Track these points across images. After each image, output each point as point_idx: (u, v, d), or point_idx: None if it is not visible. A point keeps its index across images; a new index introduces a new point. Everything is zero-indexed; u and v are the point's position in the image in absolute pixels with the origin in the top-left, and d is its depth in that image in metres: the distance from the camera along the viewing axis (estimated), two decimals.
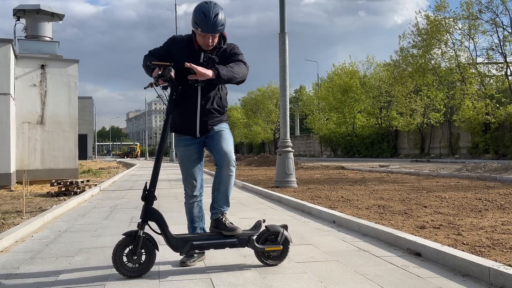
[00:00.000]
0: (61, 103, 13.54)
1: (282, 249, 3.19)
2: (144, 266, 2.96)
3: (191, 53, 3.17)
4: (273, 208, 6.44)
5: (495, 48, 23.81)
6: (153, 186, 3.03)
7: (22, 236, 4.48)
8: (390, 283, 2.78)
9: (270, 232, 3.20)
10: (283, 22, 9.41)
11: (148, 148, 70.78)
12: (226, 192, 3.26)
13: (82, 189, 9.79)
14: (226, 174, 3.21)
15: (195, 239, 3.07)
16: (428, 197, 6.64)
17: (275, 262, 3.19)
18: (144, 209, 3.01)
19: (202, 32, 3.04)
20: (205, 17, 2.99)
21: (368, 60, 35.85)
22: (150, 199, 3.01)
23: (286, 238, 3.19)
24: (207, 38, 3.07)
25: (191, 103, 3.21)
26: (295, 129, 54.63)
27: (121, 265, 2.92)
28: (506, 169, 11.06)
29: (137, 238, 2.94)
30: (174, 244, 3.01)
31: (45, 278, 3.03)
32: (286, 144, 9.11)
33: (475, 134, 23.81)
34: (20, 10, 16.02)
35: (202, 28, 3.02)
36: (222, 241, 3.11)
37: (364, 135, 34.40)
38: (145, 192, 3.01)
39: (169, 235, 3.00)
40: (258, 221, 3.24)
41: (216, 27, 3.03)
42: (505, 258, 3.04)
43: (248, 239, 3.12)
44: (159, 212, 3.03)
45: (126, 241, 2.95)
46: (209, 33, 3.05)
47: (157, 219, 3.00)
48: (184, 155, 3.32)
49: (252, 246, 3.13)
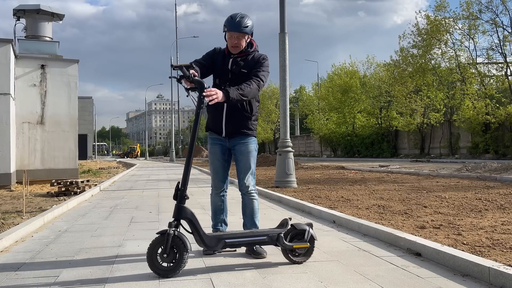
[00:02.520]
0: (61, 103, 13.54)
1: (309, 247, 3.26)
2: (176, 265, 2.95)
3: (223, 59, 3.51)
4: (273, 208, 6.44)
5: (495, 48, 23.82)
6: (184, 185, 3.05)
7: (22, 236, 4.48)
8: (390, 283, 2.78)
9: (297, 230, 3.28)
10: (283, 22, 9.41)
11: (148, 148, 70.78)
12: (252, 215, 3.61)
13: (82, 189, 9.79)
14: (248, 199, 3.60)
15: (227, 237, 3.13)
16: (428, 197, 6.64)
17: (300, 259, 3.26)
18: (177, 208, 3.03)
19: (228, 31, 3.38)
20: (232, 18, 3.38)
21: (368, 60, 35.86)
22: (182, 198, 3.03)
23: (312, 236, 3.28)
24: (233, 38, 3.39)
25: (219, 104, 3.37)
26: (295, 129, 54.63)
27: (155, 264, 2.93)
28: (506, 169, 11.06)
29: (167, 237, 2.93)
30: (208, 243, 3.04)
31: (45, 278, 3.03)
32: (286, 144, 9.11)
33: (475, 134, 23.80)
34: (20, 10, 16.02)
35: (228, 27, 3.37)
36: (253, 239, 3.18)
37: (364, 135, 34.39)
38: (177, 191, 3.03)
39: (202, 234, 3.03)
40: (285, 219, 3.35)
41: (240, 26, 3.35)
42: (505, 258, 3.04)
43: (278, 236, 3.18)
44: (191, 211, 3.05)
45: (160, 240, 2.94)
46: (234, 31, 3.35)
47: (189, 218, 3.02)
48: (210, 152, 3.61)
49: (281, 244, 3.19)
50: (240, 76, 3.43)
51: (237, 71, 3.45)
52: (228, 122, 3.49)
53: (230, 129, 3.51)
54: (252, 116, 3.57)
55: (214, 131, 3.58)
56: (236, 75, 3.44)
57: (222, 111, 3.48)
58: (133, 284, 2.85)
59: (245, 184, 3.56)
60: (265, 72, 3.48)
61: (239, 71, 3.44)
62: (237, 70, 3.45)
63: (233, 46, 3.43)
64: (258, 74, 3.43)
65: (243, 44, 3.44)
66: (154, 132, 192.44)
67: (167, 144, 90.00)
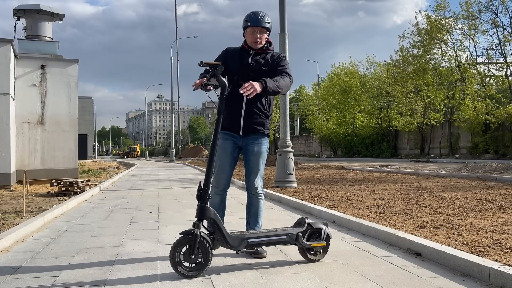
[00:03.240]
0: (61, 103, 13.55)
1: (325, 245, 3.30)
2: (201, 266, 2.94)
3: (241, 56, 3.49)
4: (273, 208, 6.44)
5: (495, 48, 23.83)
6: (207, 185, 3.03)
7: (22, 236, 4.48)
8: (390, 283, 2.78)
9: (314, 229, 3.32)
10: (283, 22, 9.42)
11: (148, 148, 70.78)
12: (257, 215, 3.61)
13: (82, 189, 9.79)
14: (255, 199, 3.60)
15: (249, 236, 3.13)
16: (428, 197, 6.64)
17: (317, 257, 3.30)
18: (199, 208, 3.00)
19: (250, 26, 3.41)
20: (254, 14, 3.44)
21: (368, 60, 35.89)
22: (205, 198, 3.01)
23: (328, 235, 3.33)
24: (255, 34, 3.41)
25: (237, 102, 3.41)
26: (295, 129, 54.63)
27: (179, 264, 2.91)
28: (506, 169, 11.06)
29: (194, 237, 2.92)
30: (231, 243, 3.03)
31: (45, 278, 3.03)
32: (286, 144, 9.11)
33: (475, 134, 23.80)
34: (20, 10, 16.03)
35: (250, 22, 3.41)
36: (273, 238, 3.19)
37: (364, 135, 34.39)
38: (199, 191, 3.02)
39: (225, 234, 3.02)
40: (302, 218, 3.37)
41: (263, 21, 3.40)
42: (505, 258, 3.04)
43: (297, 236, 3.20)
44: (214, 211, 3.04)
45: (184, 241, 2.93)
46: (257, 26, 3.40)
47: (212, 218, 3.00)
48: (221, 146, 3.50)
49: (300, 243, 3.21)
50: (260, 73, 3.41)
51: (258, 68, 3.44)
52: (247, 120, 3.46)
53: (247, 127, 3.47)
54: (269, 115, 3.56)
55: (230, 130, 3.51)
56: (257, 72, 3.42)
57: (241, 109, 3.44)
58: (133, 284, 2.85)
59: (254, 185, 3.55)
60: (290, 70, 3.49)
61: (260, 69, 3.43)
62: (257, 68, 3.44)
63: (254, 41, 3.43)
64: (287, 71, 3.44)
65: (264, 40, 3.46)
66: (154, 132, 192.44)
67: (167, 144, 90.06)
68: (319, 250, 3.32)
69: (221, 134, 3.49)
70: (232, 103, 3.42)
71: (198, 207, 3.01)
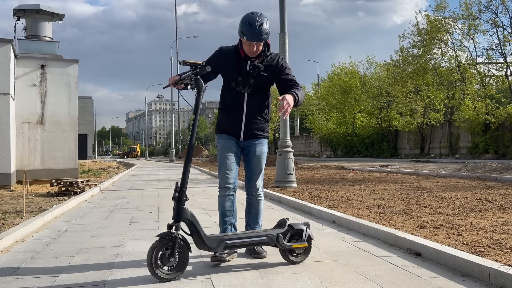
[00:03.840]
0: (61, 103, 13.55)
1: (307, 246, 3.27)
2: (179, 268, 2.90)
3: (238, 62, 3.36)
4: (273, 208, 6.44)
5: (495, 48, 23.82)
6: (184, 185, 2.98)
7: (22, 236, 4.48)
8: (390, 283, 2.78)
9: (295, 230, 3.28)
10: (283, 22, 9.42)
11: (148, 148, 70.76)
12: (257, 216, 3.58)
13: (82, 189, 9.79)
14: (255, 200, 3.56)
15: (228, 238, 3.09)
16: (428, 197, 6.64)
17: (299, 259, 3.26)
18: (176, 209, 2.94)
19: (247, 41, 3.24)
20: (251, 26, 3.18)
21: (368, 60, 35.89)
22: (182, 199, 2.95)
23: (309, 236, 3.29)
24: (252, 46, 3.27)
25: (237, 108, 3.37)
26: (295, 129, 54.59)
27: (157, 268, 2.83)
28: (506, 169, 11.05)
29: (173, 240, 2.86)
30: (209, 244, 2.99)
31: (45, 278, 3.03)
32: (286, 144, 9.11)
33: (475, 134, 23.79)
34: (20, 10, 16.03)
35: (247, 36, 3.21)
36: (253, 240, 3.16)
37: (364, 135, 34.39)
38: (176, 192, 2.95)
39: (203, 235, 2.97)
40: (283, 220, 3.33)
41: (261, 36, 3.22)
42: (505, 258, 3.04)
43: (277, 237, 3.17)
44: (191, 212, 2.98)
45: (161, 244, 2.85)
46: (254, 41, 3.23)
47: (189, 219, 2.95)
48: (224, 147, 3.44)
49: (280, 244, 3.18)
50: (260, 79, 3.37)
51: (256, 73, 3.36)
52: (247, 127, 3.41)
53: (248, 133, 3.43)
54: (269, 119, 3.54)
55: (231, 134, 3.45)
56: (255, 77, 3.37)
57: (242, 115, 3.38)
58: (133, 284, 2.85)
59: (255, 185, 3.51)
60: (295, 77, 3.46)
61: (259, 74, 3.36)
62: (256, 72, 3.36)
63: (251, 52, 3.32)
64: (296, 81, 3.40)
65: (261, 47, 3.35)
66: (154, 132, 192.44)
67: (167, 144, 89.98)
68: (300, 252, 3.28)
69: (222, 135, 3.48)
70: (233, 109, 3.39)
71: (174, 208, 2.95)
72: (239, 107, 3.38)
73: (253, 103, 3.39)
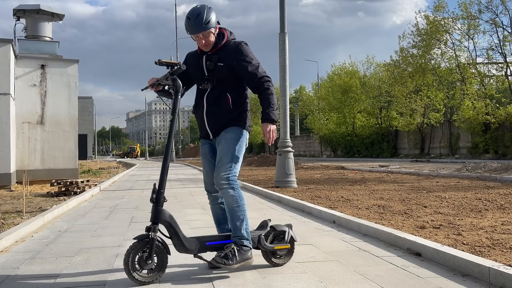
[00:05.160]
0: (61, 103, 13.55)
1: (289, 248, 3.23)
2: (158, 271, 2.85)
3: (197, 60, 3.24)
4: (273, 208, 6.44)
5: (495, 48, 23.83)
6: (162, 187, 2.92)
7: (22, 236, 4.48)
8: (390, 283, 2.78)
9: (277, 231, 3.23)
10: (283, 22, 9.42)
11: (148, 148, 70.78)
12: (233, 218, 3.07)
13: (82, 189, 9.79)
14: (224, 196, 3.10)
15: (208, 239, 3.03)
16: (428, 197, 6.64)
17: (282, 261, 3.21)
18: (154, 211, 2.87)
19: (191, 35, 3.13)
20: (189, 19, 3.07)
21: (368, 60, 35.90)
22: (160, 201, 2.89)
23: (292, 237, 3.25)
24: (199, 39, 3.12)
25: (200, 106, 3.24)
26: (295, 129, 54.62)
27: (134, 271, 2.77)
28: (506, 169, 11.06)
29: (151, 242, 2.79)
30: (188, 246, 2.91)
31: (45, 278, 3.03)
32: (286, 144, 9.11)
33: (475, 134, 23.80)
34: (20, 10, 16.02)
35: (188, 30, 3.10)
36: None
37: (364, 135, 34.39)
38: (153, 193, 2.89)
39: (182, 237, 2.90)
40: (264, 221, 3.28)
41: (200, 26, 3.03)
42: (505, 258, 3.04)
43: (258, 238, 3.11)
44: (169, 213, 2.91)
45: (139, 246, 2.79)
46: (194, 34, 3.10)
47: (168, 221, 2.87)
48: (201, 153, 3.37)
49: (262, 245, 3.12)
50: (217, 70, 3.13)
51: (213, 66, 3.14)
52: (210, 122, 3.18)
53: (214, 130, 3.19)
54: (239, 106, 3.19)
55: (204, 138, 3.31)
56: (212, 71, 3.15)
57: (203, 113, 3.20)
58: (133, 284, 2.85)
59: (218, 175, 3.06)
60: (253, 60, 3.14)
61: (215, 66, 3.13)
62: (212, 66, 3.14)
63: (203, 46, 3.14)
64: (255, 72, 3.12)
65: (212, 39, 3.11)
66: (154, 132, 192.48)
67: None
68: (283, 253, 3.21)
69: (201, 140, 3.35)
70: (196, 108, 3.27)
71: (153, 210, 2.88)
72: (200, 105, 3.22)
73: (212, 96, 3.16)
